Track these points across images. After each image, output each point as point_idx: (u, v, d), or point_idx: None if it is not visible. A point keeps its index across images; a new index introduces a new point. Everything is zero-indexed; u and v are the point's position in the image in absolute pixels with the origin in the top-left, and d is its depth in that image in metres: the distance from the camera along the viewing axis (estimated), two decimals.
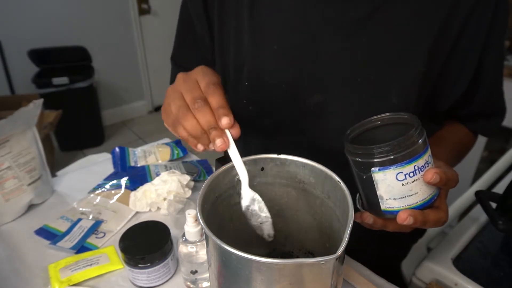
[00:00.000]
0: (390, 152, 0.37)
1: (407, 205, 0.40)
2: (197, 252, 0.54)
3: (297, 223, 0.52)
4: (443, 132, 0.65)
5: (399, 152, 0.37)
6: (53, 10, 2.59)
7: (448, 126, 0.66)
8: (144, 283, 0.57)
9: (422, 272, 0.66)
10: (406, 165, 0.38)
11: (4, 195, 0.70)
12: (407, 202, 0.40)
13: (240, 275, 0.36)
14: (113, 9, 2.86)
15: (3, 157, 0.69)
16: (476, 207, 0.77)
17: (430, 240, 0.80)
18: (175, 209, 0.71)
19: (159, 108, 3.44)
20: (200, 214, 0.38)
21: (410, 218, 0.39)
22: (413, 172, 0.38)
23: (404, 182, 0.38)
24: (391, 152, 0.37)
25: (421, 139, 0.38)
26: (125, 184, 0.79)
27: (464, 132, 0.66)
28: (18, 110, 0.68)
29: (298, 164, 0.47)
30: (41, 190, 0.76)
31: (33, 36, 2.54)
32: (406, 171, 0.38)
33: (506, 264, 0.64)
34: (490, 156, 1.71)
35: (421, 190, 0.39)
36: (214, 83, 0.45)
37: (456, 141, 0.64)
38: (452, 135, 0.65)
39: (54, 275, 0.59)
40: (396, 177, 0.38)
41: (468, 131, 0.66)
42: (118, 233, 0.69)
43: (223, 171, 0.45)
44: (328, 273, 0.34)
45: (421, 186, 0.39)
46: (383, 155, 0.37)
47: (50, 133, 2.32)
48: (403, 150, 0.37)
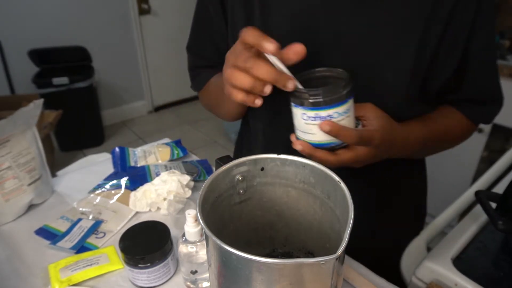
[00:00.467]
0: (301, 96, 0.48)
1: (308, 140, 0.51)
2: (197, 252, 0.54)
3: (297, 223, 0.52)
4: (433, 113, 0.65)
5: (306, 99, 0.47)
6: (53, 10, 2.59)
7: (441, 109, 0.67)
8: (144, 283, 0.57)
9: (422, 272, 0.66)
10: (309, 110, 0.48)
11: (4, 195, 0.70)
12: (308, 138, 0.51)
13: (240, 275, 0.36)
14: (113, 9, 2.86)
15: (3, 157, 0.69)
16: (476, 207, 0.77)
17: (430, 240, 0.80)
18: (175, 209, 0.71)
19: (159, 108, 3.45)
20: (200, 214, 0.38)
21: (326, 126, 0.47)
22: (313, 117, 0.48)
23: (306, 122, 0.49)
24: (301, 97, 0.48)
25: (332, 97, 0.47)
26: (125, 184, 0.79)
27: (457, 117, 0.66)
28: (18, 110, 0.68)
29: (298, 164, 0.47)
30: (41, 190, 0.76)
31: (33, 36, 2.55)
32: (309, 114, 0.48)
33: (506, 264, 0.64)
34: (490, 156, 1.71)
35: (319, 133, 0.49)
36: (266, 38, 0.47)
37: (443, 123, 0.65)
38: (440, 116, 0.65)
39: (54, 275, 0.59)
40: (302, 116, 0.49)
41: (462, 117, 0.66)
42: (118, 233, 0.69)
43: (223, 171, 0.45)
44: (328, 273, 0.34)
45: (319, 130, 0.48)
46: (297, 96, 0.48)
47: (50, 133, 2.32)
48: (310, 98, 0.47)
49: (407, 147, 0.59)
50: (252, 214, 0.52)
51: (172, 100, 3.50)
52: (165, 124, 3.26)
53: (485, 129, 1.59)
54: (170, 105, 3.51)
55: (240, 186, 0.48)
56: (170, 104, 3.51)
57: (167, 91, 3.40)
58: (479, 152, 1.65)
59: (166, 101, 3.48)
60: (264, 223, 0.53)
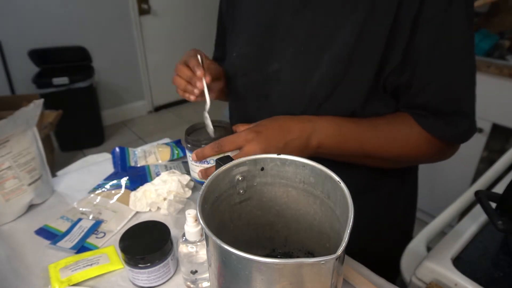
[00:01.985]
0: (189, 144, 0.73)
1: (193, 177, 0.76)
2: (197, 252, 0.54)
3: (297, 223, 0.52)
4: (385, 116, 0.63)
5: (191, 149, 0.71)
6: (53, 10, 2.59)
7: (397, 114, 0.63)
8: (144, 283, 0.57)
9: (422, 272, 0.66)
10: (192, 154, 0.64)
11: (4, 195, 0.70)
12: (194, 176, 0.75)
13: (240, 275, 0.36)
14: (113, 9, 2.86)
15: (3, 157, 0.69)
16: (476, 207, 0.77)
17: (430, 240, 0.80)
18: (175, 209, 0.71)
19: (159, 108, 3.46)
20: (200, 214, 0.38)
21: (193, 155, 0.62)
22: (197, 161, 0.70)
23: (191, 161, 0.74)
24: (189, 144, 0.73)
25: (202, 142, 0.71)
26: (125, 184, 0.79)
27: (415, 127, 0.61)
28: (18, 110, 0.68)
29: (298, 164, 0.47)
30: (41, 190, 0.76)
31: (33, 36, 2.55)
32: (192, 157, 0.65)
33: (506, 264, 0.64)
34: (490, 156, 1.71)
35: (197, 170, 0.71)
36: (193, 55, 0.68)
37: (392, 127, 0.61)
38: (392, 119, 0.62)
39: (54, 275, 0.59)
40: (188, 158, 0.75)
41: (415, 126, 0.61)
42: (118, 233, 0.69)
43: (223, 171, 0.45)
44: (328, 273, 0.34)
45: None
46: (187, 142, 0.73)
47: (50, 133, 2.32)
48: (194, 148, 0.69)
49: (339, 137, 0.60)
50: (252, 214, 0.52)
51: (172, 100, 3.50)
52: (165, 124, 3.26)
53: (485, 129, 1.59)
54: (170, 105, 3.51)
55: (240, 186, 0.48)
56: (170, 104, 3.51)
57: (167, 91, 3.40)
58: (479, 152, 1.65)
59: (166, 101, 3.48)
60: (264, 223, 0.53)
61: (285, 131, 0.57)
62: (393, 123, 0.62)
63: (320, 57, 0.60)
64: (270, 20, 0.65)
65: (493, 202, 0.65)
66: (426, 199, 1.98)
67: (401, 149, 0.62)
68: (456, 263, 0.64)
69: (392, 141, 0.62)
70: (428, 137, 0.61)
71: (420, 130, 0.61)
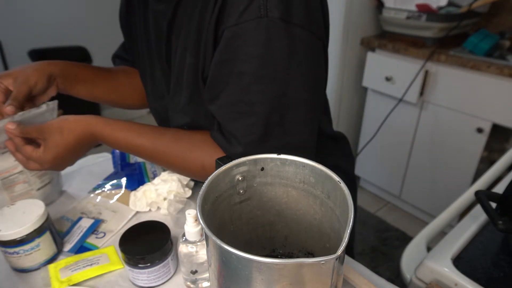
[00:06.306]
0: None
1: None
2: (197, 252, 0.54)
3: (297, 223, 0.52)
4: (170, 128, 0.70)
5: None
6: (53, 10, 2.59)
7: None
8: (144, 283, 0.57)
9: (422, 272, 0.66)
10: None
11: (12, 198, 0.70)
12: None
13: (240, 275, 0.36)
14: (113, 9, 2.85)
15: (16, 162, 0.69)
16: (476, 207, 0.77)
17: (430, 240, 0.80)
18: (175, 209, 0.71)
19: None
20: (200, 214, 0.38)
21: None
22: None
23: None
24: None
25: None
26: (125, 184, 0.79)
27: (195, 138, 0.64)
28: (30, 112, 0.68)
29: (298, 164, 0.47)
30: (48, 193, 0.76)
31: (33, 36, 2.54)
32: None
33: (506, 264, 0.64)
34: (490, 156, 1.71)
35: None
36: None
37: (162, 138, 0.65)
38: (167, 131, 0.67)
39: (54, 275, 0.59)
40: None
41: (206, 140, 0.63)
42: (118, 233, 0.69)
43: (223, 171, 0.45)
44: (328, 273, 0.34)
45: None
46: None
47: None
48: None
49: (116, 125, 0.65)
50: (252, 214, 0.52)
51: None
52: None
53: (485, 129, 1.59)
54: None
55: (240, 186, 0.48)
56: None
57: None
58: (479, 152, 1.65)
59: None
60: (264, 223, 0.53)
61: (63, 137, 0.65)
62: (174, 133, 0.67)
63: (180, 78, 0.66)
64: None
65: (493, 202, 0.65)
66: (426, 199, 1.99)
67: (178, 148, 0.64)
68: (456, 263, 0.64)
69: (176, 139, 0.65)
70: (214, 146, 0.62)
71: (205, 140, 0.63)
